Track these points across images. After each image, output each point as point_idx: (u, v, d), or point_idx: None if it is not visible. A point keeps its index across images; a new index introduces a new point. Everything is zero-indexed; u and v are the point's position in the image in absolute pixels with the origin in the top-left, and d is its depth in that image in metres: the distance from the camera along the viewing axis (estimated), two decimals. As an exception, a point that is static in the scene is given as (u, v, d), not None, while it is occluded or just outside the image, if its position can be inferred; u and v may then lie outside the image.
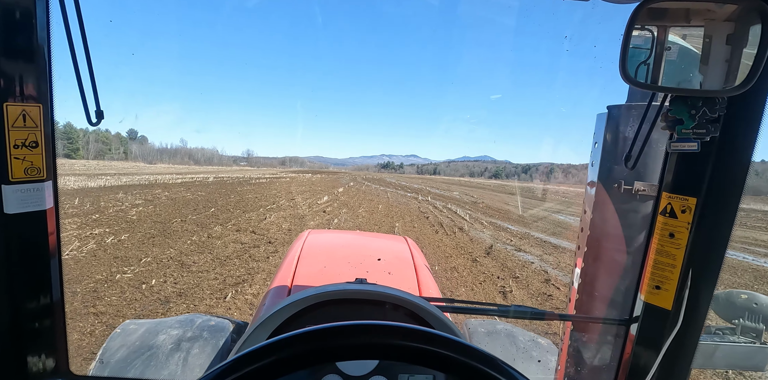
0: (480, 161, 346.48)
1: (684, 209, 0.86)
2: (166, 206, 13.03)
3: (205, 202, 15.07)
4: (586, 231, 1.25)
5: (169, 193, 17.85)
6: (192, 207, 13.24)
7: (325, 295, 0.96)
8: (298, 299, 0.94)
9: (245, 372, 0.44)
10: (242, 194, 19.25)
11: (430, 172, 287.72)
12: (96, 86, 0.77)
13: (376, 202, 19.40)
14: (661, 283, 0.91)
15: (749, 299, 1.07)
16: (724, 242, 0.85)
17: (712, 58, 0.79)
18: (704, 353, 1.00)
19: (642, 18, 0.79)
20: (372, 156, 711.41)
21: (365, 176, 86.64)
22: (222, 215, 11.91)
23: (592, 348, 1.23)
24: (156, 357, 1.48)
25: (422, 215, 15.63)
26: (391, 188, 33.95)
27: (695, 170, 0.85)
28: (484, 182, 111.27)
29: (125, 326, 1.69)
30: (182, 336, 1.59)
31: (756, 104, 0.79)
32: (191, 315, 1.79)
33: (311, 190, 25.40)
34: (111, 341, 1.58)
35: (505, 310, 1.10)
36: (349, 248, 2.32)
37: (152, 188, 20.81)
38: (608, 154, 1.18)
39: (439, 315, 0.96)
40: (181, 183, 26.57)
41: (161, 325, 1.68)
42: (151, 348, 1.51)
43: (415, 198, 23.75)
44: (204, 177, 37.66)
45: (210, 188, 22.34)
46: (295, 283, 1.65)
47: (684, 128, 0.79)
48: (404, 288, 1.27)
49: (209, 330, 1.64)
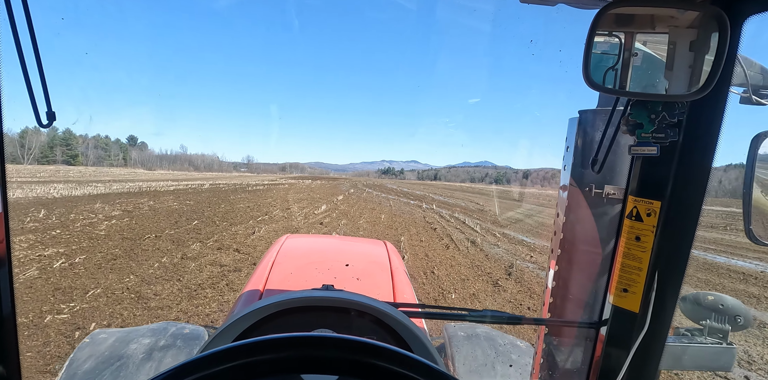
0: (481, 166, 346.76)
1: (649, 212, 0.87)
2: (145, 219, 11.69)
3: (191, 213, 13.68)
4: (559, 234, 1.26)
5: (154, 202, 16.48)
6: (174, 219, 11.90)
7: (289, 302, 0.94)
8: (261, 306, 0.92)
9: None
10: (234, 203, 17.89)
11: (430, 178, 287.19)
12: (47, 87, 0.74)
13: (378, 211, 18.06)
14: (629, 286, 0.92)
15: (716, 300, 1.07)
16: (688, 245, 0.86)
17: (677, 64, 0.80)
18: (673, 354, 1.00)
19: (608, 24, 0.82)
20: (372, 162, 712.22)
21: (366, 182, 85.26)
22: (205, 229, 10.55)
23: (565, 350, 1.23)
24: (126, 368, 1.42)
25: (429, 226, 14.32)
26: (393, 195, 32.57)
27: (659, 174, 0.86)
28: (485, 187, 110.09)
29: (95, 335, 1.64)
30: (155, 345, 1.53)
31: (716, 109, 0.80)
32: (165, 323, 1.74)
33: (309, 198, 24.00)
34: (79, 351, 1.52)
35: (478, 315, 1.09)
36: (325, 253, 2.27)
37: (139, 196, 19.51)
38: (579, 158, 1.20)
39: (406, 322, 0.94)
40: (173, 190, 25.28)
41: (133, 334, 1.63)
42: (121, 358, 1.46)
43: (419, 206, 22.40)
44: (199, 184, 36.33)
45: (201, 197, 20.98)
46: (267, 287, 1.63)
47: (644, 132, 0.81)
48: (377, 293, 1.45)
49: (183, 338, 1.60)
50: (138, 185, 28.99)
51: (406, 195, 34.36)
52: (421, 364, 0.47)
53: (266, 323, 0.94)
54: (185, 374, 0.43)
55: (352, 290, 1.04)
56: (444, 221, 15.81)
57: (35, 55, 0.70)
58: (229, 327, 0.90)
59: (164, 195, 20.89)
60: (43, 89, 0.73)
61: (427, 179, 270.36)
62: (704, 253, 11.69)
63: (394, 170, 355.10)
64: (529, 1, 0.91)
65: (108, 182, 33.99)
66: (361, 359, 0.47)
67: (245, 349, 0.46)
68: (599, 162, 0.92)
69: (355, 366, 0.47)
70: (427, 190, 52.11)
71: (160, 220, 11.55)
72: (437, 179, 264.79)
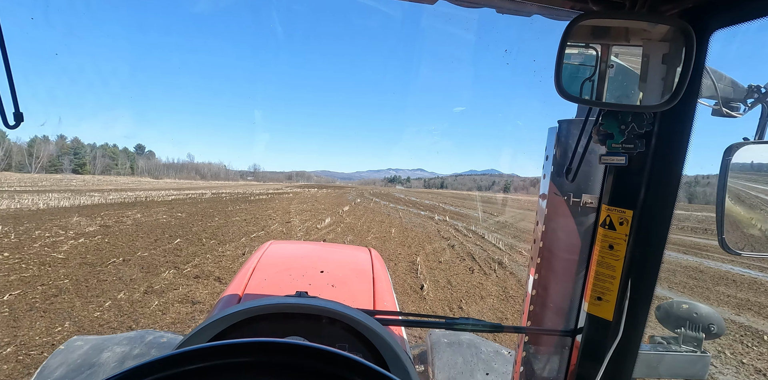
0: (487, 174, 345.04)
1: (621, 221, 0.88)
2: (122, 236, 10.12)
3: (178, 227, 12.15)
4: (538, 242, 1.26)
5: (142, 215, 15.01)
6: (155, 236, 10.35)
7: (259, 309, 0.93)
8: (231, 313, 0.91)
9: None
10: (230, 215, 16.39)
11: (437, 186, 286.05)
12: (14, 87, 0.72)
13: (388, 224, 16.46)
14: (602, 294, 0.93)
15: (690, 309, 1.08)
16: (660, 253, 0.87)
17: (650, 76, 0.81)
18: (647, 363, 1.00)
19: (583, 36, 0.83)
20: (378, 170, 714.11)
21: (372, 190, 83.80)
22: (187, 249, 8.98)
23: (543, 358, 1.24)
24: (96, 376, 1.40)
25: (445, 241, 12.72)
26: (402, 205, 30.92)
27: (630, 184, 0.87)
28: (493, 195, 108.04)
29: (71, 342, 1.62)
30: (128, 354, 1.52)
31: (685, 120, 0.81)
32: (143, 332, 1.72)
33: (313, 209, 22.41)
34: (53, 358, 1.51)
35: (453, 323, 1.08)
36: (308, 259, 2.24)
37: (130, 207, 18.12)
38: (558, 167, 1.20)
39: (378, 329, 0.93)
40: (171, 200, 23.93)
41: (109, 342, 1.61)
42: (92, 367, 1.44)
43: (431, 218, 20.75)
44: (201, 193, 35.04)
45: (197, 208, 19.53)
46: (246, 292, 1.61)
47: (614, 142, 0.82)
48: (355, 300, 1.41)
49: (158, 347, 1.57)
50: (136, 195, 27.71)
51: (415, 205, 32.71)
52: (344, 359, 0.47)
53: (236, 329, 0.93)
54: (136, 377, 0.43)
55: (330, 297, 1.03)
56: (461, 236, 14.19)
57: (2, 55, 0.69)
58: (197, 333, 0.89)
59: (158, 206, 19.50)
60: (11, 90, 0.72)
61: (433, 187, 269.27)
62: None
63: (401, 178, 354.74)
64: (505, 12, 0.91)
65: (108, 191, 32.89)
66: (280, 360, 0.47)
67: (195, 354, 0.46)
68: (573, 171, 0.93)
69: (272, 367, 0.47)
70: (436, 199, 50.40)
71: (139, 237, 10.00)
72: (444, 188, 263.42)
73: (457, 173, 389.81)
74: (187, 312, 5.14)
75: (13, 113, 0.71)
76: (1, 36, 0.67)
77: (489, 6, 0.91)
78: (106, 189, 36.72)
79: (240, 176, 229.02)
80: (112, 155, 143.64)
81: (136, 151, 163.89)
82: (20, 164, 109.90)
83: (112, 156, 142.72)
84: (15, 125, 0.72)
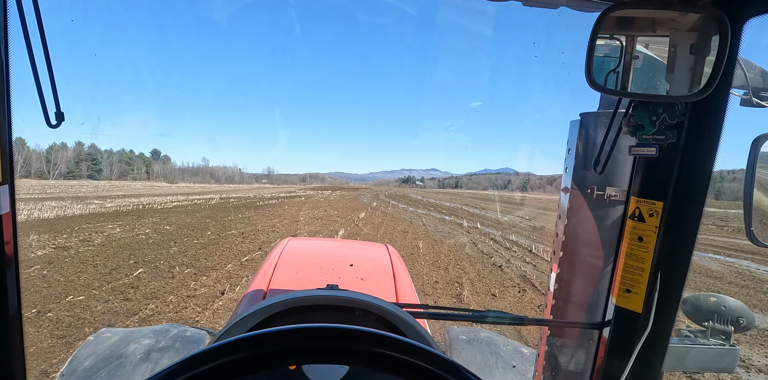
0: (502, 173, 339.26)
1: (651, 213, 0.86)
2: (72, 264, 7.47)
3: (154, 247, 9.54)
4: (561, 236, 1.25)
5: (121, 229, 12.71)
6: (115, 263, 7.83)
7: (294, 301, 0.94)
8: (266, 305, 0.92)
9: (196, 372, 0.43)
10: (227, 227, 13.94)
11: (451, 185, 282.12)
12: (56, 87, 0.74)
13: (412, 235, 13.86)
14: (632, 286, 0.91)
15: (718, 302, 1.07)
16: (691, 246, 0.85)
17: (677, 67, 0.79)
18: (676, 355, 0.99)
19: (608, 27, 0.81)
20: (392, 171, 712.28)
21: (387, 192, 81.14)
22: (147, 286, 6.35)
23: (567, 352, 1.22)
24: (123, 368, 1.44)
25: (486, 259, 10.08)
26: (422, 209, 28.21)
27: (660, 175, 0.86)
28: (511, 195, 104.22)
29: (100, 334, 1.66)
30: (154, 347, 1.55)
31: (717, 111, 0.79)
32: (168, 325, 1.76)
33: (325, 216, 19.87)
34: (82, 349, 1.54)
35: (480, 316, 1.07)
36: (327, 255, 2.25)
37: (120, 217, 15.99)
38: (581, 160, 1.18)
39: (411, 321, 0.94)
40: (171, 208, 21.82)
41: (135, 334, 1.64)
42: (119, 358, 1.48)
43: (459, 225, 18.07)
44: (208, 199, 33.02)
45: (194, 217, 17.19)
46: (271, 287, 1.62)
47: (645, 134, 0.80)
48: (379, 294, 1.27)
49: (183, 341, 1.60)
50: (139, 202, 25.76)
51: (436, 208, 29.98)
52: (431, 355, 0.47)
53: (270, 323, 0.94)
54: (183, 372, 0.43)
55: (356, 290, 1.05)
56: (504, 251, 11.53)
57: (45, 56, 0.71)
58: (233, 327, 0.90)
59: (152, 215, 17.33)
60: (53, 90, 0.74)
61: (448, 187, 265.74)
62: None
63: (414, 178, 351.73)
64: (532, 4, 0.91)
65: (113, 197, 31.20)
66: (370, 349, 0.47)
67: (245, 343, 0.46)
68: (602, 163, 0.92)
69: (365, 357, 0.47)
70: (455, 200, 47.46)
71: (93, 266, 7.51)
72: (458, 187, 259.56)
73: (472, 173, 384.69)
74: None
75: (55, 112, 0.74)
76: (44, 39, 0.70)
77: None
78: (113, 195, 35.12)
79: (254, 179, 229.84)
80: (128, 161, 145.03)
81: (152, 156, 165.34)
82: (39, 171, 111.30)
83: (128, 161, 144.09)
84: (57, 124, 0.75)
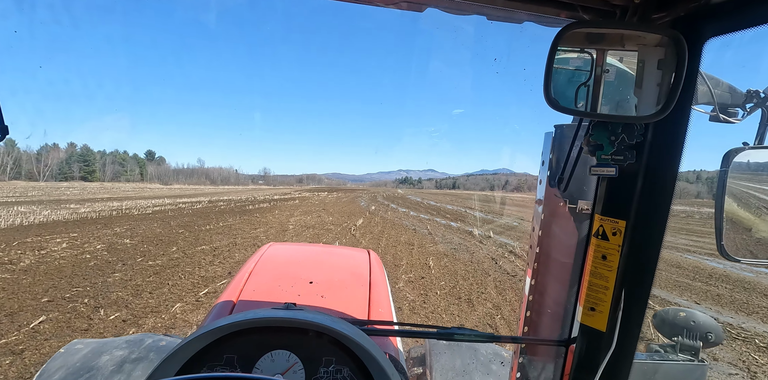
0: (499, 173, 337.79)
1: (615, 231, 0.86)
2: None
3: (92, 273, 7.28)
4: (535, 248, 1.24)
5: (69, 244, 10.17)
6: (31, 295, 5.81)
7: (244, 324, 0.94)
8: (219, 326, 0.92)
9: None
10: (199, 241, 11.53)
11: (449, 186, 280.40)
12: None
13: (419, 248, 11.79)
14: (596, 305, 0.91)
15: (687, 317, 1.06)
16: (653, 264, 0.85)
17: (645, 82, 0.79)
18: (643, 372, 0.99)
19: (578, 41, 0.80)
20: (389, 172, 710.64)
21: (385, 193, 78.71)
22: (45, 345, 4.37)
23: (538, 366, 1.22)
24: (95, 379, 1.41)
25: (515, 281, 8.03)
26: (425, 213, 26.01)
27: (622, 195, 0.85)
28: (510, 195, 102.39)
29: (71, 346, 1.64)
30: (127, 358, 1.53)
31: (678, 130, 0.79)
32: (143, 335, 1.74)
33: (318, 224, 17.63)
34: (52, 362, 1.52)
35: (447, 333, 1.07)
36: (305, 264, 2.21)
37: (79, 227, 13.81)
38: (554, 173, 1.18)
39: (364, 343, 0.93)
40: (149, 214, 19.62)
41: (108, 345, 1.62)
42: (90, 370, 1.46)
43: (470, 234, 15.98)
44: (195, 202, 30.80)
45: (167, 226, 14.83)
46: (241, 298, 1.62)
47: (603, 154, 0.80)
48: (351, 307, 1.39)
49: (157, 351, 1.59)
50: (117, 206, 23.54)
51: (438, 212, 27.86)
52: None
53: (226, 341, 0.95)
54: None
55: (323, 305, 1.09)
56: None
57: None
58: (187, 345, 0.91)
59: (121, 223, 15.15)
60: None
61: (445, 188, 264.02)
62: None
63: (412, 179, 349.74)
64: (495, 19, 0.91)
65: (96, 200, 29.00)
66: None
67: None
68: (564, 180, 0.92)
69: None
70: (456, 202, 45.28)
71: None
72: (456, 188, 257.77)
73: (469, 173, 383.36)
74: None
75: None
76: None
77: (479, 13, 0.90)
78: (96, 199, 32.79)
79: (251, 180, 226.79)
80: (122, 162, 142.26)
81: (146, 157, 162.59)
82: (30, 173, 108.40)
83: (121, 163, 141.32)
84: (0, 137, 0.73)
